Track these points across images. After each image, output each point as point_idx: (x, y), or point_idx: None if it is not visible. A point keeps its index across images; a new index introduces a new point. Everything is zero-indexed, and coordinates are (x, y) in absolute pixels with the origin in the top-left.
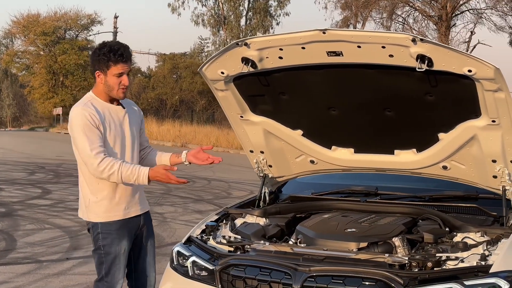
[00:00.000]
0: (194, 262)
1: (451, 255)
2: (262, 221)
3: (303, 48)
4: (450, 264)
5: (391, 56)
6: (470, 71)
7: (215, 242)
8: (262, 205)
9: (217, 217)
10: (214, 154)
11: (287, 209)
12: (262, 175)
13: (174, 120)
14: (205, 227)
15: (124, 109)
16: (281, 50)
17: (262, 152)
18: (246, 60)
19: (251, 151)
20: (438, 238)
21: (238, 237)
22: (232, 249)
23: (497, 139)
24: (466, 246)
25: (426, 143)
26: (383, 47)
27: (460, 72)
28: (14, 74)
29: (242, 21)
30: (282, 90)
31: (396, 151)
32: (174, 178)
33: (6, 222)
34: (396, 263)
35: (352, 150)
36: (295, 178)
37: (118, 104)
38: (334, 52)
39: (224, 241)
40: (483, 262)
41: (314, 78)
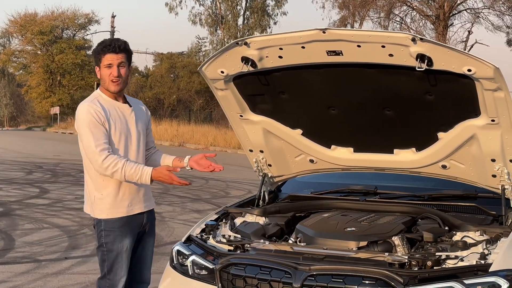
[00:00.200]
0: (194, 261)
1: (451, 254)
2: (261, 220)
3: (303, 47)
4: (450, 263)
5: (391, 55)
6: (469, 71)
7: (215, 241)
8: (261, 204)
9: (216, 216)
10: (218, 154)
11: (287, 208)
12: (261, 174)
13: (172, 119)
14: (204, 226)
15: (130, 107)
16: (281, 49)
17: (261, 151)
18: (246, 59)
19: (251, 151)
20: (438, 237)
21: (238, 236)
22: (232, 248)
23: (496, 138)
24: (466, 245)
25: (426, 142)
26: (383, 47)
27: (459, 71)
28: (11, 73)
29: (240, 20)
30: (281, 89)
31: (395, 150)
32: (176, 179)
33: (4, 222)
34: (396, 262)
35: (351, 149)
36: (295, 177)
37: (124, 102)
38: (334, 51)
39: (224, 240)
40: (483, 261)
41: (314, 78)
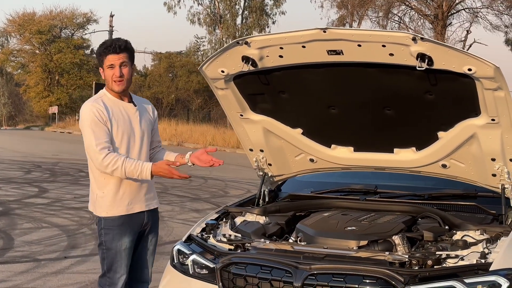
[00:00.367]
0: (194, 260)
1: (451, 253)
2: (262, 219)
3: (304, 47)
4: (450, 262)
5: (391, 55)
6: (470, 70)
7: (216, 241)
8: (261, 203)
9: (217, 215)
10: (216, 154)
11: (287, 207)
12: (261, 174)
13: (170, 119)
14: (205, 226)
15: (135, 106)
16: (281, 48)
17: (261, 150)
18: (246, 58)
19: (251, 150)
20: (438, 236)
21: (238, 235)
22: (232, 247)
23: (496, 138)
24: (466, 244)
25: (426, 142)
26: (384, 46)
27: (460, 70)
28: (10, 72)
29: (238, 20)
30: (282, 88)
31: (395, 150)
32: (176, 173)
33: (3, 221)
34: (396, 261)
35: (351, 149)
36: (295, 177)
37: (129, 101)
38: (334, 51)
39: (224, 239)
40: (483, 260)
41: (314, 77)
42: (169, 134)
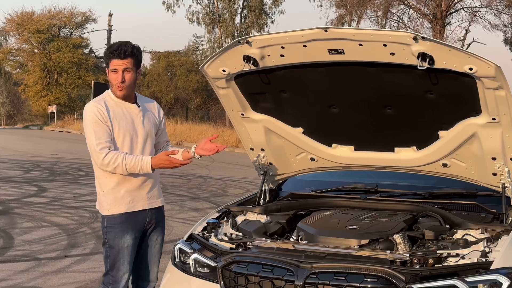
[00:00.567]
0: (196, 259)
1: (452, 252)
2: (263, 218)
3: (305, 46)
4: (451, 260)
5: (393, 54)
6: (471, 69)
7: (217, 239)
8: (262, 202)
9: (218, 214)
10: (214, 135)
11: (288, 206)
12: (262, 173)
13: (169, 118)
14: (206, 224)
15: (138, 107)
16: (282, 48)
17: (262, 149)
18: (247, 58)
19: (252, 149)
20: (439, 235)
21: (240, 234)
22: (233, 246)
23: (497, 137)
24: (467, 243)
25: (426, 141)
26: (385, 45)
27: (461, 70)
28: (8, 72)
29: (237, 19)
30: (283, 88)
31: (396, 149)
32: (177, 160)
33: (3, 220)
34: (397, 260)
35: (352, 148)
36: (295, 176)
37: (134, 102)
38: (335, 50)
39: (225, 238)
40: (484, 259)
41: (315, 76)
42: (168, 133)
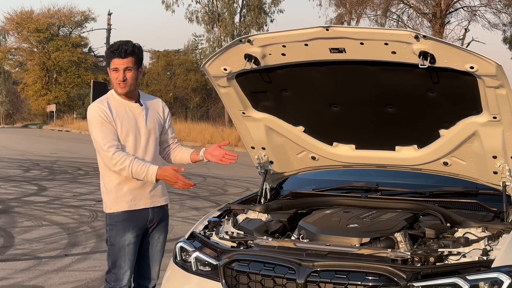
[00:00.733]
0: (197, 258)
1: (453, 250)
2: (264, 217)
3: (306, 45)
4: (452, 259)
5: (394, 52)
6: (472, 68)
7: (218, 238)
8: (263, 201)
9: (219, 213)
10: (225, 142)
11: (289, 205)
12: (263, 171)
13: None
14: (207, 223)
15: (141, 106)
16: (284, 47)
17: (263, 148)
18: (249, 56)
19: (253, 148)
20: (440, 234)
21: (241, 232)
22: (235, 244)
23: (498, 135)
24: (468, 241)
25: (427, 139)
26: (386, 44)
27: (462, 68)
28: (7, 71)
29: (236, 18)
30: (284, 86)
31: (397, 147)
32: (182, 178)
33: (3, 219)
34: (398, 258)
35: (353, 146)
36: (296, 174)
37: (137, 101)
38: (336, 49)
39: (227, 236)
40: (485, 257)
41: (316, 75)
42: None
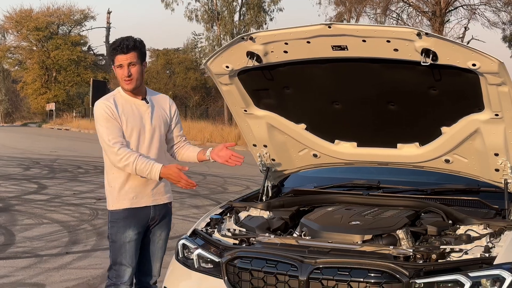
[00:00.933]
0: (199, 255)
1: (455, 247)
2: (266, 214)
3: (308, 42)
4: (454, 256)
5: (396, 50)
6: (474, 65)
7: (220, 235)
8: (265, 198)
9: (221, 210)
10: (232, 143)
11: (291, 202)
12: (265, 169)
13: None
14: (209, 220)
15: (147, 103)
16: (286, 44)
17: (265, 146)
18: (251, 54)
19: (254, 145)
20: (442, 231)
21: (243, 230)
22: (237, 241)
23: (499, 133)
24: (470, 239)
25: (429, 137)
26: (388, 41)
27: (464, 66)
28: (7, 69)
29: (236, 16)
30: (286, 84)
31: (399, 145)
32: (184, 177)
33: (4, 217)
34: (401, 255)
35: (355, 144)
36: (298, 172)
37: (143, 98)
38: (339, 46)
39: (229, 234)
40: (487, 254)
41: (318, 72)
42: None
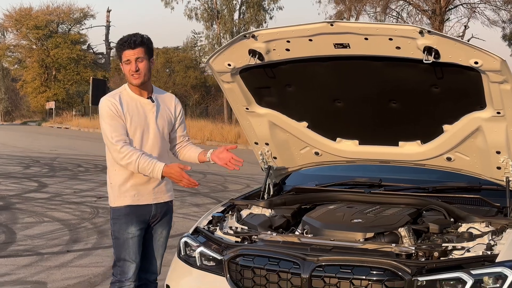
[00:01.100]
0: (201, 253)
1: (457, 245)
2: (267, 212)
3: (310, 40)
4: (456, 254)
5: (398, 48)
6: (476, 63)
7: (222, 233)
8: (267, 196)
9: (223, 208)
10: (233, 146)
11: (293, 200)
12: (266, 167)
13: None
14: (211, 218)
15: (153, 102)
16: (288, 42)
17: (267, 144)
18: (253, 52)
19: (256, 143)
20: (443, 229)
21: (245, 227)
22: (239, 239)
23: (501, 131)
24: (471, 236)
25: (431, 135)
26: (390, 39)
27: (466, 64)
28: (6, 68)
29: (236, 15)
30: (288, 82)
31: (400, 143)
32: (186, 177)
33: (4, 215)
34: (403, 253)
35: (356, 142)
36: (299, 170)
37: (149, 96)
38: (341, 44)
39: (231, 231)
40: (489, 252)
41: (320, 70)
42: None
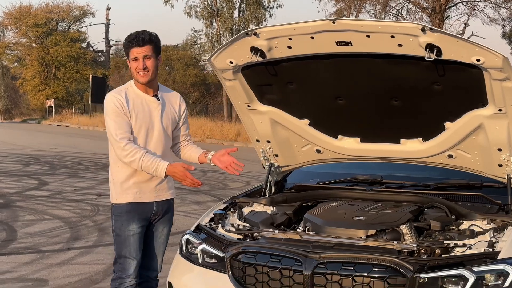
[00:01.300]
0: (203, 250)
1: (459, 242)
2: (269, 209)
3: (312, 37)
4: (458, 251)
5: (400, 45)
6: (478, 60)
7: (224, 230)
8: (268, 194)
9: (224, 205)
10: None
11: (294, 197)
12: (268, 165)
13: None
14: (213, 216)
15: (158, 101)
16: (290, 39)
17: (268, 141)
18: (255, 49)
19: (258, 141)
20: (445, 226)
21: (247, 225)
22: (241, 237)
23: (503, 128)
24: (473, 233)
25: (432, 132)
26: (392, 37)
27: (468, 61)
28: (6, 66)
29: (235, 13)
30: (290, 79)
31: (402, 140)
32: (190, 176)
33: (5, 213)
34: (405, 250)
35: (358, 139)
36: (301, 168)
37: (154, 95)
38: (343, 41)
39: (233, 229)
40: (491, 249)
41: (322, 68)
42: None
